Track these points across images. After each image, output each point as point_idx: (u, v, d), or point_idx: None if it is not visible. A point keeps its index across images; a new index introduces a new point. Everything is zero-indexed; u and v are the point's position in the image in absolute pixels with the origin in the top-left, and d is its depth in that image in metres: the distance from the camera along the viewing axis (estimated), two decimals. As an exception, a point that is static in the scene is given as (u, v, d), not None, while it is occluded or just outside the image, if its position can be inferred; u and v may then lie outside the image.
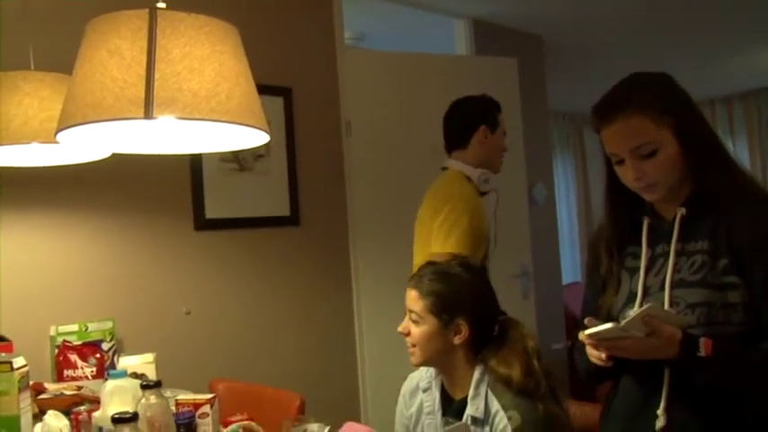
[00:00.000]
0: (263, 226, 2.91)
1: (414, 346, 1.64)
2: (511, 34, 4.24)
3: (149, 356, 2.27)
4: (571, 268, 6.48)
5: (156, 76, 1.17)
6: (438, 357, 1.65)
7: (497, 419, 1.53)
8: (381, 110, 3.38)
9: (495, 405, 1.55)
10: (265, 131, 1.35)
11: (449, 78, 3.63)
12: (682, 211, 1.37)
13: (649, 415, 1.35)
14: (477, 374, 1.60)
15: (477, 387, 1.59)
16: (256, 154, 2.86)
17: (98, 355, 2.24)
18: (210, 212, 2.74)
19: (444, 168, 2.53)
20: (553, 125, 6.35)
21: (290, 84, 2.98)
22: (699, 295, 1.30)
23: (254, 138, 1.42)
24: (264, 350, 2.85)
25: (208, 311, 2.72)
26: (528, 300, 3.81)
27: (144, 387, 1.53)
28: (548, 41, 4.51)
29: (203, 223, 2.72)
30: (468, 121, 2.53)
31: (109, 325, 2.35)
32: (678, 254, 1.36)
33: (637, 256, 1.44)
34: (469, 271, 1.72)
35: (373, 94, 3.36)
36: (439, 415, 1.69)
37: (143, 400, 1.52)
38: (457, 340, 1.63)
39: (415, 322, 1.64)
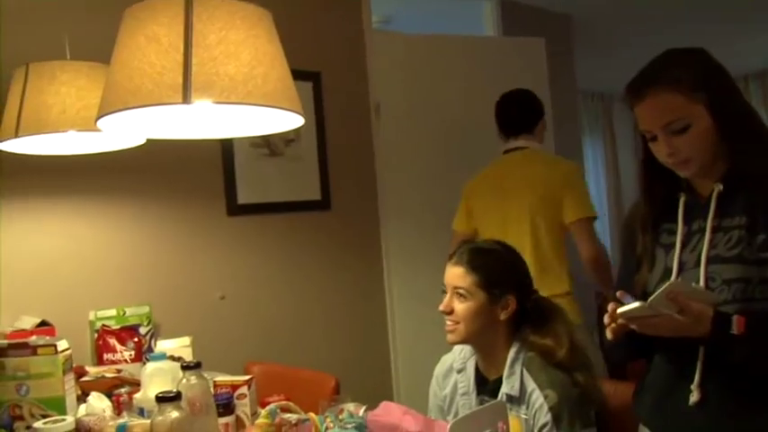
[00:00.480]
0: (295, 210, 2.92)
1: (457, 323, 1.65)
2: (539, 14, 4.19)
3: (186, 340, 2.32)
4: (601, 250, 6.43)
5: (194, 61, 1.18)
6: (480, 334, 1.66)
7: (534, 398, 1.55)
8: (410, 92, 3.37)
9: (530, 384, 1.57)
10: (300, 114, 1.36)
11: (476, 59, 3.61)
12: (719, 187, 1.35)
13: (683, 390, 1.34)
14: (512, 353, 1.63)
15: (512, 366, 1.61)
16: (287, 139, 2.87)
17: (136, 340, 2.28)
18: (242, 198, 2.76)
19: (516, 149, 2.75)
20: (582, 105, 6.27)
21: (318, 68, 2.99)
22: (735, 271, 1.28)
23: (289, 121, 1.43)
24: (297, 334, 2.88)
25: (241, 296, 2.75)
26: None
27: (184, 368, 1.56)
28: (576, 20, 4.45)
29: (236, 209, 2.75)
30: (538, 108, 2.82)
31: (146, 309, 2.39)
32: (715, 230, 1.34)
33: (672, 233, 1.43)
34: (508, 249, 1.75)
35: (402, 76, 3.35)
36: (474, 395, 1.71)
37: (183, 381, 1.55)
38: (503, 315, 1.65)
39: (461, 297, 1.65)
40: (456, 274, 1.67)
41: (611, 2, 4.28)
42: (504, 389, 1.60)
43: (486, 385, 1.70)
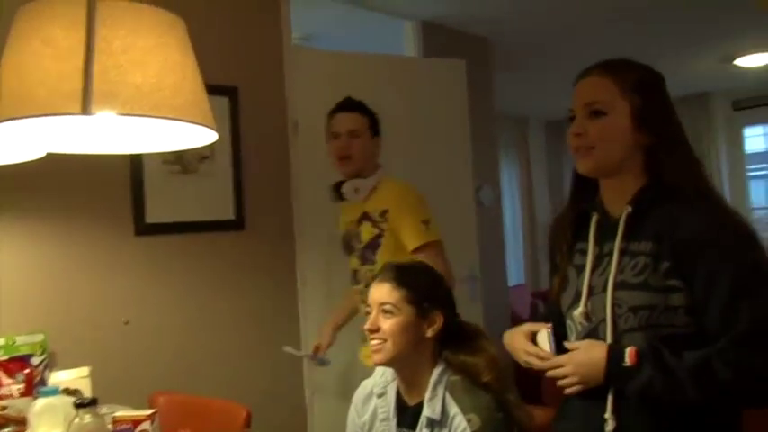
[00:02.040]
0: (207, 230, 2.79)
1: (384, 341, 1.61)
2: (459, 36, 4.22)
3: (84, 370, 2.14)
4: (515, 271, 6.52)
5: (96, 68, 1.07)
6: (407, 352, 1.61)
7: (456, 422, 1.52)
8: (329, 110, 3.30)
9: (453, 407, 1.54)
10: (213, 130, 1.26)
11: (397, 79, 3.59)
12: (628, 209, 1.35)
13: (598, 418, 1.33)
14: (435, 374, 1.60)
15: (434, 388, 1.58)
16: (200, 155, 2.74)
17: (27, 371, 2.09)
18: (152, 217, 2.60)
19: None
20: (498, 128, 6.38)
21: (236, 83, 2.87)
22: (640, 298, 1.28)
23: (201, 137, 1.33)
24: (208, 360, 2.73)
25: (148, 321, 2.59)
26: (475, 302, 3.79)
27: (78, 406, 1.42)
28: (494, 44, 4.51)
29: (144, 228, 2.59)
30: None
31: (39, 338, 2.20)
32: (622, 253, 1.33)
33: (584, 253, 1.43)
34: (430, 267, 1.77)
35: (321, 94, 3.26)
36: (394, 422, 1.66)
37: (76, 420, 1.41)
38: (430, 332, 1.62)
39: (388, 314, 1.61)
40: (383, 291, 1.63)
41: (529, 27, 4.36)
42: (426, 412, 1.55)
43: (407, 411, 1.65)
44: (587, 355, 1.31)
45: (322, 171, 3.21)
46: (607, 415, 1.31)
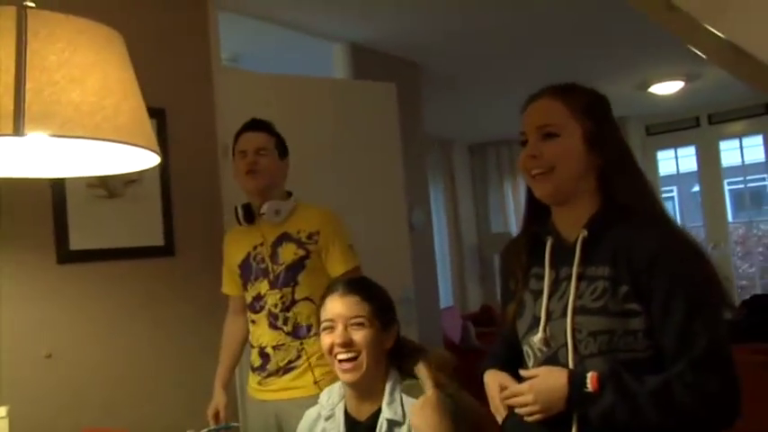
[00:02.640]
0: (135, 257, 2.66)
1: (359, 353, 1.60)
2: (388, 60, 4.25)
3: (1, 411, 1.99)
4: (444, 293, 6.56)
5: (28, 85, 0.99)
6: (375, 365, 1.62)
7: None
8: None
9: (409, 405, 1.56)
10: (156, 153, 1.19)
11: (328, 102, 3.56)
12: (583, 233, 1.34)
13: None
14: (390, 382, 1.63)
15: (391, 393, 1.61)
16: (127, 179, 2.62)
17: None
18: (75, 243, 2.47)
19: None
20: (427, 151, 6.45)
21: (163, 104, 2.77)
22: (600, 323, 1.27)
23: (141, 160, 1.26)
24: (139, 393, 2.59)
25: (72, 354, 2.43)
26: (410, 326, 3.77)
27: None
28: (421, 68, 4.56)
29: (67, 255, 2.45)
30: None
31: (-49, 375, 2.04)
32: (580, 278, 1.33)
33: (540, 278, 1.41)
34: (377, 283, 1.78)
35: (250, 116, 3.20)
36: None
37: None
38: (388, 344, 1.65)
39: (359, 326, 1.61)
40: (351, 303, 1.63)
41: (455, 53, 4.43)
42: (387, 414, 1.58)
43: (359, 427, 1.64)
44: (547, 383, 1.29)
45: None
46: None
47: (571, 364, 1.30)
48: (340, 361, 1.61)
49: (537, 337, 1.36)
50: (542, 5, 3.71)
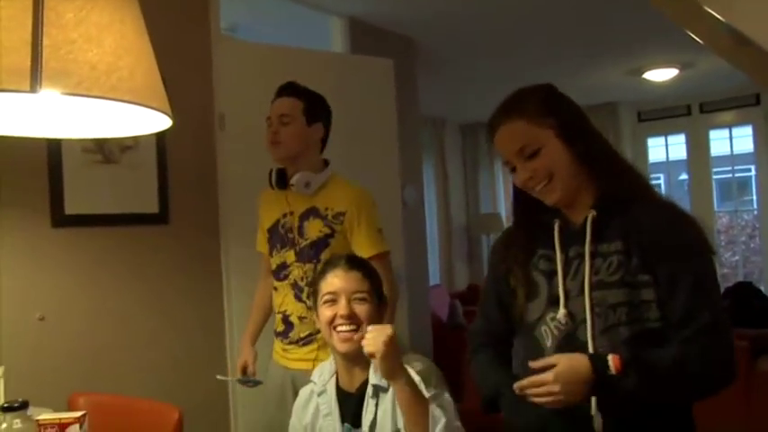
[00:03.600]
0: (130, 223, 2.66)
1: (359, 326, 1.65)
2: (386, 35, 4.22)
3: (-2, 370, 1.99)
4: (432, 271, 6.59)
5: (45, 42, 0.98)
6: None
7: None
8: (256, 104, 3.18)
9: None
10: (169, 116, 1.19)
11: (325, 75, 3.53)
12: (592, 213, 1.40)
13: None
14: None
15: None
16: (123, 145, 2.61)
17: (-71, 372, 1.93)
18: (71, 208, 2.46)
19: None
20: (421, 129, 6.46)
21: (162, 73, 2.74)
22: (619, 295, 1.34)
23: (153, 122, 1.26)
24: (129, 358, 2.61)
25: (65, 317, 2.44)
26: (400, 302, 3.78)
27: (5, 410, 1.31)
28: (418, 44, 4.54)
29: (62, 219, 2.45)
30: None
31: (-55, 335, 2.04)
32: (593, 256, 1.38)
33: (550, 259, 1.45)
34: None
35: (248, 86, 3.19)
36: (337, 413, 1.71)
37: (3, 425, 1.30)
38: (380, 321, 1.70)
39: (362, 301, 1.69)
40: (356, 278, 1.70)
41: (451, 30, 4.42)
42: (373, 381, 1.63)
43: (350, 399, 1.70)
44: (571, 369, 1.29)
45: (249, 165, 3.13)
46: (593, 411, 1.33)
47: (590, 340, 1.34)
48: (339, 332, 1.66)
49: (561, 314, 1.39)
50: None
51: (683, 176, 7.60)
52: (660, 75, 5.75)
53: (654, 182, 7.84)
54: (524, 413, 1.39)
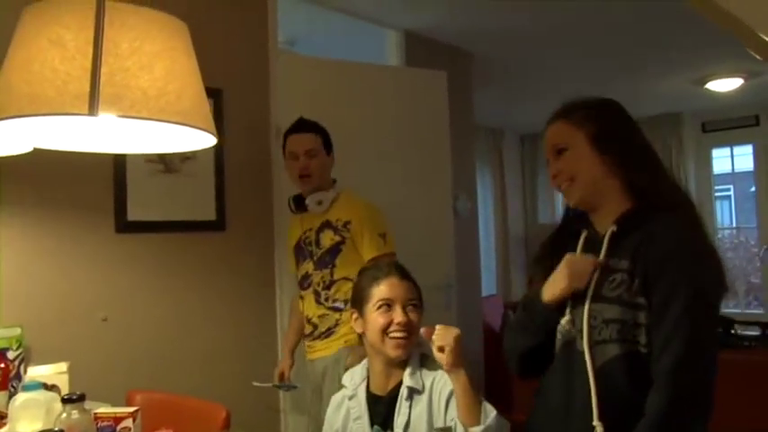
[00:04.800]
0: (188, 230, 2.80)
1: (412, 334, 1.73)
2: (441, 48, 4.28)
3: (62, 366, 2.13)
4: (487, 281, 6.59)
5: (103, 70, 1.09)
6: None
7: (436, 380, 1.69)
8: (311, 116, 3.31)
9: (429, 379, 1.71)
10: (213, 135, 1.29)
11: (379, 88, 3.63)
12: (612, 228, 1.44)
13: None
14: (414, 357, 1.76)
15: (414, 366, 1.74)
16: (183, 155, 2.75)
17: (2, 365, 2.08)
18: (133, 215, 2.61)
19: None
20: (476, 139, 6.47)
21: (220, 85, 2.89)
22: (613, 312, 1.37)
23: (200, 140, 1.36)
24: (184, 359, 2.74)
25: (127, 318, 2.59)
26: (450, 311, 3.84)
27: (66, 401, 1.43)
28: (475, 57, 4.58)
29: (125, 225, 2.60)
30: None
31: (16, 332, 2.19)
32: (604, 269, 1.42)
33: None
34: None
35: (304, 99, 3.30)
36: (366, 417, 1.77)
37: (63, 416, 1.42)
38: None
39: (416, 308, 1.78)
40: (409, 287, 1.80)
41: (509, 43, 4.45)
42: (408, 383, 1.71)
43: (380, 402, 1.76)
44: None
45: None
46: (595, 422, 1.36)
47: (586, 350, 1.38)
48: (393, 338, 1.73)
49: (564, 319, 1.46)
50: (597, 7, 3.70)
51: (753, 188, 7.38)
52: (725, 84, 5.62)
53: (722, 194, 7.64)
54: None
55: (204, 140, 1.35)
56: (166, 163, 2.71)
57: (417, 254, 3.47)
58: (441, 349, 1.56)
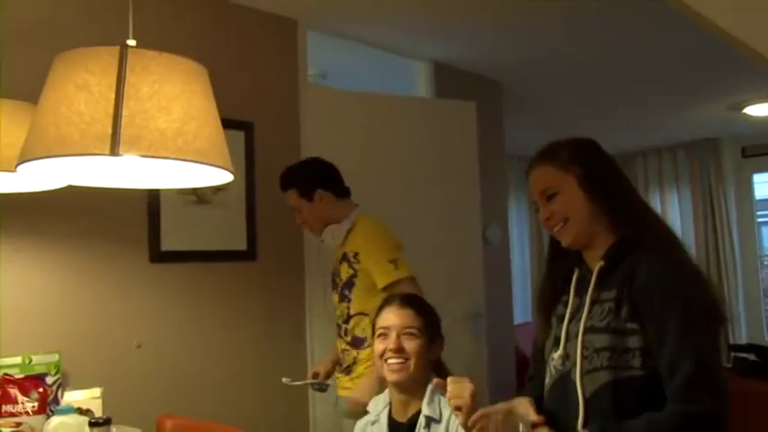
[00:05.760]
0: (220, 260, 2.88)
1: (407, 359, 1.81)
2: (471, 78, 4.33)
3: (96, 391, 2.22)
4: (522, 308, 6.55)
5: (124, 113, 1.17)
6: (420, 372, 1.83)
7: (452, 420, 1.72)
8: (341, 148, 3.38)
9: (447, 408, 1.73)
10: (230, 171, 1.35)
11: (409, 119, 3.69)
12: (600, 264, 1.49)
13: None
14: (431, 387, 1.81)
15: (431, 395, 1.81)
16: (216, 187, 2.83)
17: (41, 390, 2.17)
18: (166, 244, 2.70)
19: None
20: (508, 168, 6.48)
21: (252, 118, 2.99)
22: (603, 340, 1.41)
23: (218, 176, 1.43)
24: (215, 388, 2.81)
25: (160, 345, 2.67)
26: (480, 340, 3.84)
27: (92, 425, 1.50)
28: (505, 87, 4.62)
29: (159, 255, 2.69)
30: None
31: (55, 358, 2.28)
32: (593, 302, 1.47)
33: (566, 304, 1.57)
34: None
35: (334, 131, 3.38)
36: None
37: (90, 439, 1.48)
38: (432, 357, 1.88)
39: (412, 336, 1.84)
40: (408, 315, 1.86)
41: (539, 73, 4.47)
42: (426, 412, 1.77)
43: (400, 429, 1.83)
44: None
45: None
46: (579, 429, 1.40)
47: (578, 380, 1.42)
48: (389, 363, 1.82)
49: (557, 355, 1.51)
50: (629, 33, 3.72)
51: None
52: (762, 109, 5.55)
53: (763, 219, 7.46)
54: None
55: (223, 176, 1.42)
56: (198, 194, 2.80)
57: (446, 283, 3.53)
58: (458, 408, 1.58)
